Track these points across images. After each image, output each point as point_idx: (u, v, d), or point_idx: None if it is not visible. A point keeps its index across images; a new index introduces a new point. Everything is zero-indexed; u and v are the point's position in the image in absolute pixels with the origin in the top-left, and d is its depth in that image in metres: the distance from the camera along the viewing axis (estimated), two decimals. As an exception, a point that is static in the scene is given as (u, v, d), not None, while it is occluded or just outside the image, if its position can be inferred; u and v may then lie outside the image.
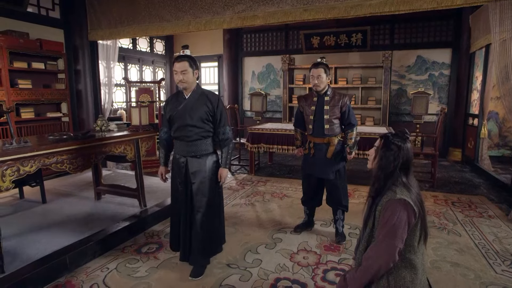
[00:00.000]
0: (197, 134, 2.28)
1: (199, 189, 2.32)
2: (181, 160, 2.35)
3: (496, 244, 2.79)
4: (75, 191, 3.99)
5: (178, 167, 2.36)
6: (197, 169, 2.31)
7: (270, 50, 7.57)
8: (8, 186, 2.16)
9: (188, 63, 2.22)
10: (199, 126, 2.27)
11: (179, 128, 2.29)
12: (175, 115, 2.30)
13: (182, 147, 2.32)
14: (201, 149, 2.31)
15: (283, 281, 2.27)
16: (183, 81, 2.23)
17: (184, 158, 2.33)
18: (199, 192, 2.32)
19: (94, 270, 2.43)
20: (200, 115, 2.26)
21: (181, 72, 2.21)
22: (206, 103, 2.28)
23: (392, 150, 1.57)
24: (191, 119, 2.25)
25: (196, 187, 2.32)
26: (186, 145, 2.30)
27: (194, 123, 2.25)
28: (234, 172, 5.46)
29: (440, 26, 6.22)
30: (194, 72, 2.27)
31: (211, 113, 2.29)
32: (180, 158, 2.35)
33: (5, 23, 4.25)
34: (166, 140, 2.46)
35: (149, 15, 4.52)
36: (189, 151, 2.31)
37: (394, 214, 1.50)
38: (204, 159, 2.33)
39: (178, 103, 2.31)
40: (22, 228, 2.89)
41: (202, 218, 2.32)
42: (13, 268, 2.21)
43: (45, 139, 2.63)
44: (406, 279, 1.55)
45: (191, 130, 2.27)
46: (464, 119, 6.02)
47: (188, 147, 2.30)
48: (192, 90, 2.30)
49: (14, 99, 4.14)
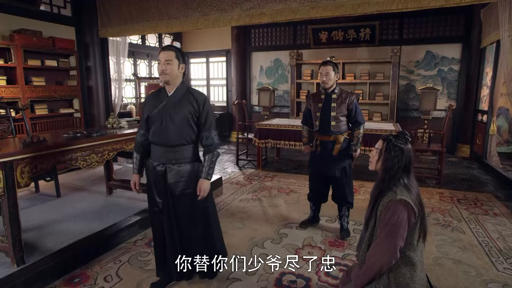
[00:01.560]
0: (178, 138, 1.97)
1: (180, 203, 2.04)
2: (158, 168, 2.01)
3: (499, 242, 2.82)
4: (88, 185, 4.13)
5: (156, 176, 2.03)
6: (177, 179, 2.00)
7: (278, 45, 7.57)
8: (27, 182, 2.27)
9: (175, 54, 1.95)
10: (181, 130, 1.96)
11: (157, 131, 1.97)
12: (153, 115, 1.99)
13: (160, 153, 2.00)
14: (182, 157, 2.00)
15: (288, 276, 2.35)
16: (165, 72, 1.93)
17: (163, 166, 2.00)
18: (180, 207, 2.04)
19: (107, 262, 2.54)
20: (182, 116, 1.96)
21: (164, 62, 1.93)
22: (191, 102, 1.98)
23: (395, 152, 1.62)
24: (172, 121, 1.95)
25: (176, 201, 2.03)
26: (165, 151, 1.99)
27: (176, 125, 1.95)
28: (242, 167, 5.55)
29: (450, 21, 6.14)
30: (180, 65, 1.98)
31: (196, 114, 1.99)
32: (158, 165, 2.02)
33: (18, 22, 4.36)
34: (142, 144, 2.11)
35: (158, 12, 4.58)
36: (168, 158, 1.99)
37: (395, 214, 1.56)
38: (186, 168, 2.02)
39: (158, 102, 2.01)
40: (39, 221, 3.03)
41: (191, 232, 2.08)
42: (33, 259, 2.33)
43: (60, 136, 2.74)
44: (405, 276, 1.62)
45: (171, 134, 1.95)
46: (473, 115, 5.97)
47: (168, 154, 1.98)
48: (176, 87, 2.00)
49: (29, 96, 4.27)
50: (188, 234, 2.10)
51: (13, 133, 3.54)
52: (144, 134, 2.09)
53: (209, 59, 8.56)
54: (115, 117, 3.20)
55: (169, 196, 2.03)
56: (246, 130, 6.00)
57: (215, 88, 8.72)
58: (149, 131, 2.05)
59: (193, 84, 8.90)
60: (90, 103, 5.31)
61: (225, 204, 3.78)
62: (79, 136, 2.71)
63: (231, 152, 6.73)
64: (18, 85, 4.15)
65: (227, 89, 8.41)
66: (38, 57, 4.45)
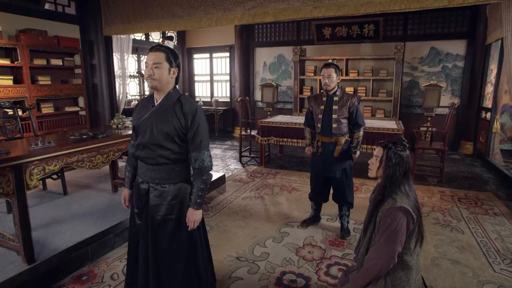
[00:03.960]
0: (160, 156, 1.68)
1: (160, 231, 1.74)
2: (142, 187, 1.76)
3: (498, 243, 2.86)
4: (93, 183, 4.21)
5: (138, 194, 1.79)
6: (159, 202, 1.72)
7: (282, 41, 7.56)
8: (36, 184, 2.35)
9: (165, 55, 1.64)
10: (165, 146, 1.67)
11: (141, 145, 1.71)
12: (138, 125, 1.73)
13: (144, 170, 1.75)
14: (166, 177, 1.71)
15: (288, 275, 2.42)
16: (153, 78, 1.63)
17: (146, 184, 1.75)
18: (160, 235, 1.74)
19: (114, 260, 2.63)
20: (167, 130, 1.65)
21: (152, 65, 1.62)
22: (178, 115, 1.66)
23: (396, 159, 1.66)
24: (155, 135, 1.66)
25: (156, 225, 1.74)
26: (147, 169, 1.72)
27: (158, 141, 1.66)
28: (245, 164, 5.60)
29: (455, 17, 6.08)
30: (172, 69, 1.67)
31: (183, 130, 1.66)
32: (142, 183, 1.77)
33: (24, 22, 4.42)
34: (134, 156, 1.83)
35: (161, 11, 4.60)
36: (151, 177, 1.72)
37: (395, 220, 1.61)
38: (170, 190, 1.72)
39: (144, 111, 1.73)
40: (47, 219, 3.12)
41: (163, 267, 1.77)
42: (43, 257, 2.41)
43: (67, 138, 2.81)
44: (402, 279, 1.68)
45: (153, 150, 1.68)
46: (477, 112, 5.95)
47: (150, 172, 1.72)
48: (165, 94, 1.69)
49: (35, 95, 4.35)
50: (167, 267, 1.78)
51: (21, 132, 3.62)
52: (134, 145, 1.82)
53: (212, 54, 8.57)
54: (119, 117, 3.26)
55: (149, 219, 1.74)
56: (249, 127, 6.04)
57: (219, 83, 8.74)
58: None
59: (196, 80, 8.94)
60: (95, 101, 5.38)
61: (228, 202, 3.85)
62: (85, 138, 2.78)
63: (234, 148, 6.79)
64: (24, 85, 4.23)
65: (230, 84, 8.43)
66: (43, 56, 4.51)
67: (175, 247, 1.76)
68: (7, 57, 4.17)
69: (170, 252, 1.76)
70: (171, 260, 1.77)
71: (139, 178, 1.80)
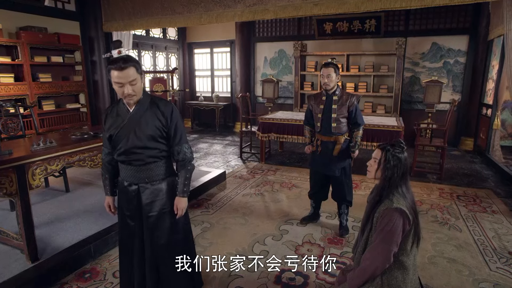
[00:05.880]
0: (149, 156, 1.77)
1: (156, 225, 1.84)
2: (131, 189, 1.81)
3: (495, 241, 2.89)
4: (95, 179, 4.25)
5: (127, 197, 1.84)
6: (153, 199, 1.82)
7: (283, 36, 7.52)
8: (38, 184, 2.38)
9: (135, 69, 1.64)
10: (151, 147, 1.76)
11: (123, 150, 1.76)
12: (117, 134, 1.75)
13: (131, 173, 1.80)
14: (155, 175, 1.81)
15: (287, 273, 2.46)
16: (132, 95, 1.66)
17: (135, 185, 1.81)
18: (156, 229, 1.84)
19: (116, 258, 2.66)
20: (150, 133, 1.74)
21: (129, 83, 1.62)
22: (157, 116, 1.75)
23: (394, 161, 1.69)
24: (139, 139, 1.73)
25: (152, 222, 1.83)
26: (135, 171, 1.79)
27: (144, 143, 1.74)
28: (245, 160, 5.63)
29: (457, 12, 6.03)
30: (142, 77, 1.72)
31: (165, 128, 1.77)
32: (129, 185, 1.82)
33: (24, 19, 4.42)
34: (110, 163, 1.89)
35: (161, 8, 4.59)
36: (141, 178, 1.80)
37: (391, 221, 1.64)
38: (161, 185, 1.83)
39: (119, 118, 1.76)
40: (50, 216, 3.16)
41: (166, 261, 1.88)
42: (46, 255, 2.47)
43: (68, 138, 2.83)
44: (398, 279, 1.71)
45: (140, 152, 1.75)
46: (478, 108, 5.94)
47: (139, 173, 1.79)
48: (138, 100, 1.73)
49: (36, 92, 4.37)
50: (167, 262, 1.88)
51: (22, 130, 3.65)
52: (110, 153, 1.86)
53: (213, 49, 8.54)
54: (120, 116, 3.27)
55: (144, 219, 1.83)
56: (250, 123, 6.05)
57: (219, 79, 8.73)
58: (114, 149, 1.81)
59: (197, 75, 8.93)
60: (96, 97, 5.40)
61: (228, 199, 3.89)
62: (86, 137, 2.80)
63: (235, 144, 6.82)
64: (25, 82, 4.25)
65: (231, 80, 8.42)
66: (44, 53, 4.52)
67: (174, 238, 1.88)
68: (8, 55, 4.18)
69: (169, 245, 1.87)
70: (170, 253, 1.88)
71: (124, 182, 1.85)
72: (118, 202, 1.93)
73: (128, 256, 1.92)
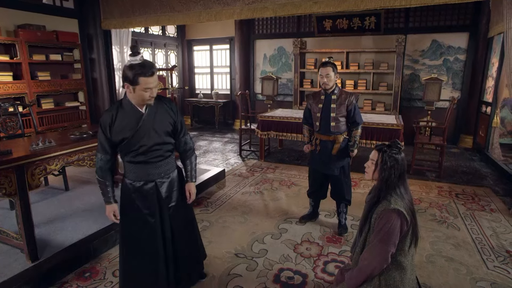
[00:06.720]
0: (165, 151, 1.91)
1: (177, 212, 2.00)
2: (147, 187, 1.89)
3: (493, 240, 2.90)
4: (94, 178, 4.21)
5: (144, 196, 1.90)
6: (170, 191, 1.97)
7: (282, 33, 7.50)
8: (38, 184, 2.39)
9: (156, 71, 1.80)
10: (167, 142, 1.90)
11: (146, 150, 1.83)
12: (135, 135, 1.79)
13: (149, 171, 1.88)
14: (169, 168, 1.97)
15: (286, 272, 2.47)
16: (153, 96, 1.79)
17: (152, 182, 1.90)
18: (177, 216, 2.01)
19: (115, 257, 2.68)
20: (167, 129, 1.88)
21: (154, 87, 1.77)
22: (168, 112, 1.90)
23: (391, 162, 1.69)
24: (159, 136, 1.84)
25: (172, 212, 1.99)
26: (154, 168, 1.88)
27: (162, 139, 1.87)
28: (244, 158, 5.64)
29: (458, 9, 6.00)
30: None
31: (175, 123, 1.93)
32: (144, 184, 1.89)
33: (22, 17, 4.39)
34: (110, 170, 1.91)
35: (160, 5, 4.57)
36: (158, 173, 1.91)
37: (389, 222, 1.65)
38: (173, 177, 2.00)
39: (132, 120, 1.80)
40: (50, 215, 3.17)
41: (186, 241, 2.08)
42: (46, 255, 2.47)
43: (67, 137, 2.83)
44: (395, 279, 1.72)
45: (159, 148, 1.87)
46: (477, 106, 5.93)
47: (157, 169, 1.90)
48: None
49: (35, 90, 4.36)
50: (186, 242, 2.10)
51: (22, 129, 3.65)
52: (110, 159, 1.88)
53: (212, 46, 8.51)
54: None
55: (165, 211, 1.94)
56: (249, 121, 6.05)
57: (219, 76, 8.71)
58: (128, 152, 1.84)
59: (196, 72, 8.91)
60: (95, 95, 5.39)
61: (227, 197, 3.90)
62: (85, 136, 2.80)
63: (234, 141, 6.82)
64: (24, 80, 4.23)
65: (230, 77, 8.40)
66: (42, 51, 4.50)
67: (188, 219, 2.13)
68: (6, 53, 4.16)
69: (187, 226, 2.11)
70: (187, 233, 2.11)
71: (137, 183, 1.89)
72: (125, 206, 1.93)
73: (148, 255, 1.95)
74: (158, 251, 1.95)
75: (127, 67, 1.72)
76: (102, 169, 1.89)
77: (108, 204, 1.94)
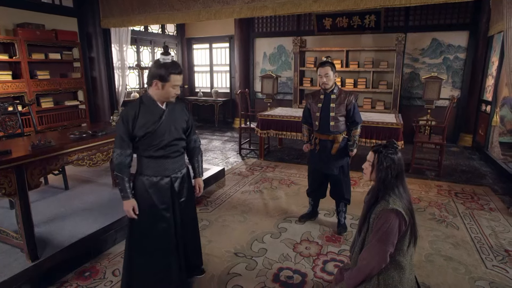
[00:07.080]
0: (181, 147, 2.04)
1: (186, 206, 2.13)
2: (163, 182, 1.98)
3: (491, 239, 2.91)
4: (94, 177, 4.26)
5: (160, 191, 1.98)
6: (182, 185, 2.08)
7: (282, 31, 7.48)
8: (37, 184, 2.39)
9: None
10: (183, 138, 2.05)
11: (166, 144, 1.94)
12: (157, 130, 1.90)
13: (167, 166, 1.98)
14: (182, 164, 2.09)
15: (285, 271, 2.48)
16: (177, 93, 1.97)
17: (167, 178, 1.99)
18: (186, 211, 2.13)
19: (115, 256, 2.69)
20: (183, 125, 2.03)
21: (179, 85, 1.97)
22: (184, 111, 2.07)
23: (387, 163, 1.69)
24: (177, 131, 1.98)
25: (183, 206, 2.11)
26: (171, 163, 1.99)
27: (180, 135, 2.01)
28: (244, 156, 5.64)
29: (458, 8, 5.99)
30: None
31: (187, 121, 2.07)
32: (160, 179, 1.98)
33: (21, 15, 4.38)
34: (129, 165, 1.94)
35: (159, 4, 4.55)
36: (174, 169, 2.02)
37: (387, 222, 1.65)
38: (184, 173, 2.11)
39: (154, 116, 1.91)
40: (50, 214, 3.17)
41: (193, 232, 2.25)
42: (46, 254, 2.48)
43: (66, 137, 2.83)
44: (394, 278, 1.73)
45: (177, 144, 2.00)
46: (477, 105, 5.93)
47: (174, 164, 2.01)
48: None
49: (34, 89, 4.35)
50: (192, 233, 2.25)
51: (21, 128, 3.65)
52: (130, 154, 1.92)
53: (212, 45, 8.49)
54: (119, 114, 3.27)
55: (177, 205, 2.05)
56: (249, 119, 6.05)
57: (218, 74, 8.70)
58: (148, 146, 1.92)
59: (196, 71, 8.89)
60: (95, 94, 5.38)
61: (227, 197, 3.90)
62: (85, 136, 2.80)
63: (234, 140, 6.82)
64: (23, 79, 4.23)
65: (230, 75, 8.39)
66: (41, 50, 4.49)
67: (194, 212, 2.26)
68: (5, 52, 4.15)
69: (194, 219, 2.25)
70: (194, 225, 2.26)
71: (153, 178, 1.97)
72: (141, 202, 1.96)
73: (161, 251, 2.02)
74: (171, 246, 2.04)
75: (159, 65, 1.84)
76: (122, 164, 1.90)
77: (127, 199, 1.94)
